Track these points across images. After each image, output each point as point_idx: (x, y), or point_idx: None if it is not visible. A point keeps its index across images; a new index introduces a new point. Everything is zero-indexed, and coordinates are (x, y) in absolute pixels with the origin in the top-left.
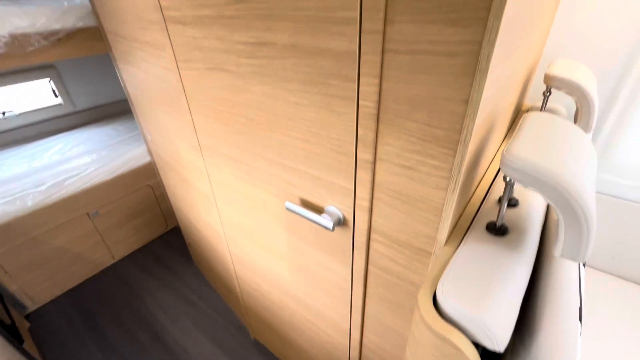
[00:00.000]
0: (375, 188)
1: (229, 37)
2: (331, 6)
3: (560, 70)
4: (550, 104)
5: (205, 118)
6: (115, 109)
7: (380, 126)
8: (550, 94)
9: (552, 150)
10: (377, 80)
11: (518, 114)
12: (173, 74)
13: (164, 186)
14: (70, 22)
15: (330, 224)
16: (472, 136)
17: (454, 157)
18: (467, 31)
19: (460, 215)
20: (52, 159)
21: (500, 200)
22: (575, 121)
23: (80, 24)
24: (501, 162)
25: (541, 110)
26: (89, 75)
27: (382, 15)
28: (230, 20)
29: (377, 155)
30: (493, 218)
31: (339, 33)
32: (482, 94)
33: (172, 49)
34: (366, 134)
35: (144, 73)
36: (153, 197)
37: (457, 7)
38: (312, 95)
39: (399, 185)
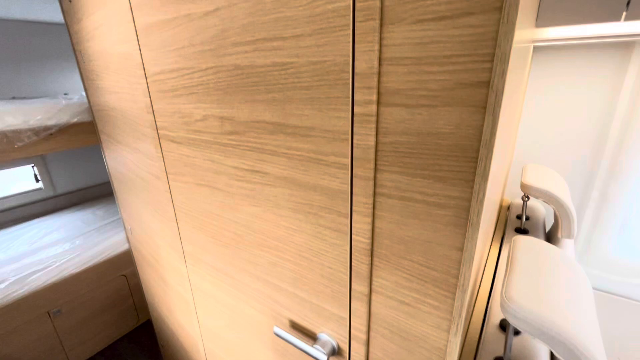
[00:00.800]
0: (372, 320)
1: (222, 161)
2: (323, 151)
3: (534, 179)
4: (531, 201)
5: (191, 228)
6: (97, 192)
7: (375, 260)
8: (528, 199)
9: (552, 292)
10: (369, 219)
11: (500, 209)
12: (162, 182)
13: (139, 277)
14: (64, 118)
15: (323, 357)
16: (471, 279)
17: (454, 300)
18: (455, 189)
19: (463, 345)
20: (19, 250)
21: (502, 325)
22: (556, 226)
23: (75, 120)
24: (502, 308)
25: (522, 213)
26: (73, 159)
27: (372, 165)
28: (224, 147)
29: (373, 288)
30: (497, 347)
31: (331, 174)
32: (475, 243)
33: (163, 161)
34: (360, 266)
35: (132, 173)
36: (126, 287)
37: (443, 167)
38: (304, 223)
39: (398, 320)
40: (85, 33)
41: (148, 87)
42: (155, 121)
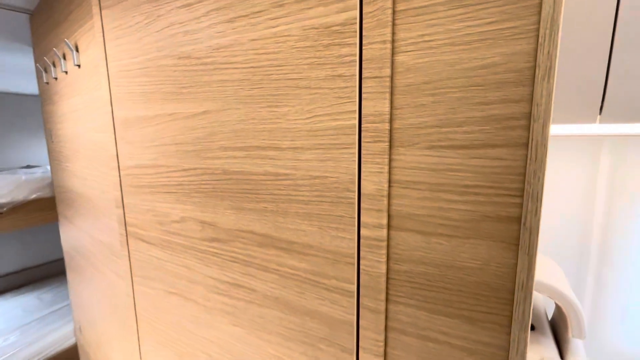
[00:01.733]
0: None
1: (200, 269)
2: (324, 273)
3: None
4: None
5: (155, 342)
6: (45, 272)
7: None
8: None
9: None
10: (381, 359)
11: None
12: (125, 284)
13: None
14: (22, 195)
15: None
16: None
17: None
18: (487, 334)
19: None
20: None
21: None
22: (561, 322)
23: (33, 196)
24: None
25: None
26: (22, 232)
27: (383, 296)
28: (203, 254)
29: None
30: None
31: (332, 301)
32: None
33: (129, 260)
34: None
35: (90, 265)
36: None
37: (471, 306)
38: (297, 354)
39: None
40: (60, 115)
41: (120, 180)
42: (124, 216)
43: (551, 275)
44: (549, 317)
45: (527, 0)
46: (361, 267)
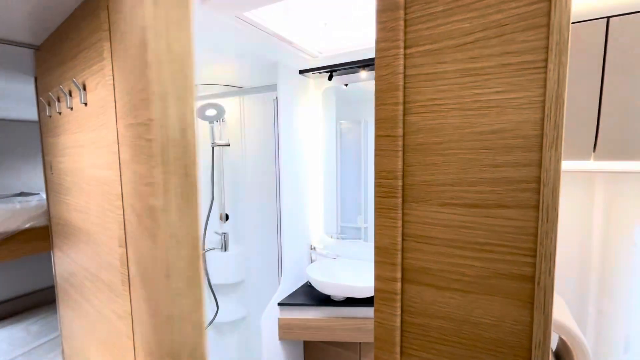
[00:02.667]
0: None
1: None
2: None
3: None
4: None
5: None
6: (35, 300)
7: None
8: None
9: None
10: None
11: None
12: (125, 326)
13: None
14: (14, 224)
15: None
16: None
17: None
18: None
19: None
20: None
21: None
22: (566, 355)
23: (27, 225)
24: None
25: None
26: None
27: (397, 349)
28: None
29: None
30: None
31: None
32: None
33: (130, 302)
34: None
35: (86, 302)
36: None
37: None
38: None
39: None
40: (61, 148)
41: (124, 219)
42: (127, 257)
43: (555, 308)
44: (553, 349)
45: (532, 73)
46: (375, 319)
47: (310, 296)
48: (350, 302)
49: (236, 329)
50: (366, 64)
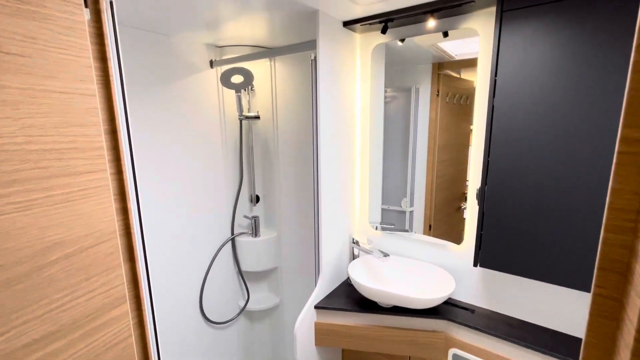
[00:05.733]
0: None
1: None
2: None
3: None
4: None
5: None
6: None
7: None
8: None
9: None
10: None
11: None
12: None
13: None
14: None
15: None
16: None
17: None
18: None
19: None
20: None
21: None
22: None
23: None
24: None
25: None
26: None
27: None
28: None
29: None
30: None
31: None
32: None
33: None
34: None
35: None
36: None
37: None
38: None
39: None
40: None
41: None
42: None
43: None
44: None
45: None
46: None
47: (352, 298)
48: (400, 310)
49: (268, 318)
50: (436, 7)
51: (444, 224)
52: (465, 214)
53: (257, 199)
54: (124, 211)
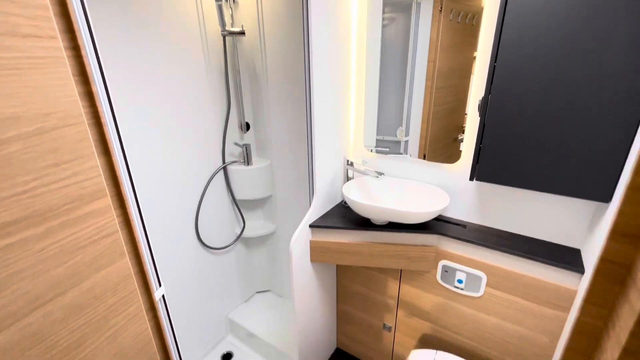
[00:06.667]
0: None
1: None
2: None
3: None
4: None
5: None
6: None
7: None
8: None
9: None
10: None
11: None
12: None
13: None
14: None
15: None
16: None
17: None
18: None
19: None
20: None
21: None
22: None
23: None
24: None
25: None
26: None
27: None
28: None
29: None
30: None
31: None
32: None
33: None
34: None
35: None
36: None
37: None
38: None
39: None
40: None
41: None
42: None
43: None
44: None
45: None
46: None
47: (347, 218)
48: (393, 226)
49: (264, 245)
50: None
51: (440, 155)
52: (461, 146)
53: (247, 126)
54: (89, 96)
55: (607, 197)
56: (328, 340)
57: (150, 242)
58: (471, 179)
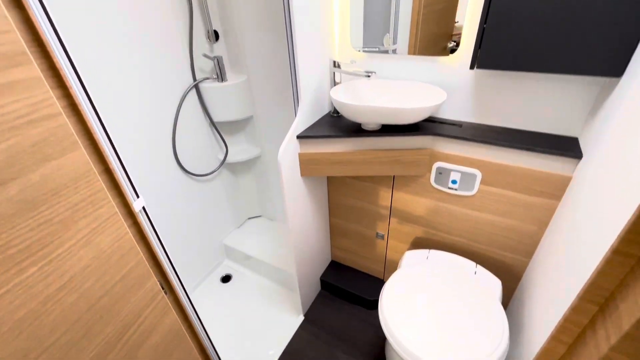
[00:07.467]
0: None
1: None
2: None
3: None
4: None
5: None
6: None
7: None
8: None
9: None
10: None
11: None
12: None
13: None
14: None
15: None
16: None
17: None
18: None
19: None
20: None
21: None
22: None
23: None
24: None
25: None
26: None
27: None
28: None
29: None
30: None
31: None
32: None
33: None
34: None
35: None
36: None
37: None
38: None
39: None
40: None
41: None
42: None
43: None
44: None
45: None
46: None
47: (337, 127)
48: (386, 130)
49: (250, 170)
50: None
51: None
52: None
53: (217, 35)
54: None
55: (619, 71)
56: (323, 254)
57: (113, 141)
58: (472, 67)
